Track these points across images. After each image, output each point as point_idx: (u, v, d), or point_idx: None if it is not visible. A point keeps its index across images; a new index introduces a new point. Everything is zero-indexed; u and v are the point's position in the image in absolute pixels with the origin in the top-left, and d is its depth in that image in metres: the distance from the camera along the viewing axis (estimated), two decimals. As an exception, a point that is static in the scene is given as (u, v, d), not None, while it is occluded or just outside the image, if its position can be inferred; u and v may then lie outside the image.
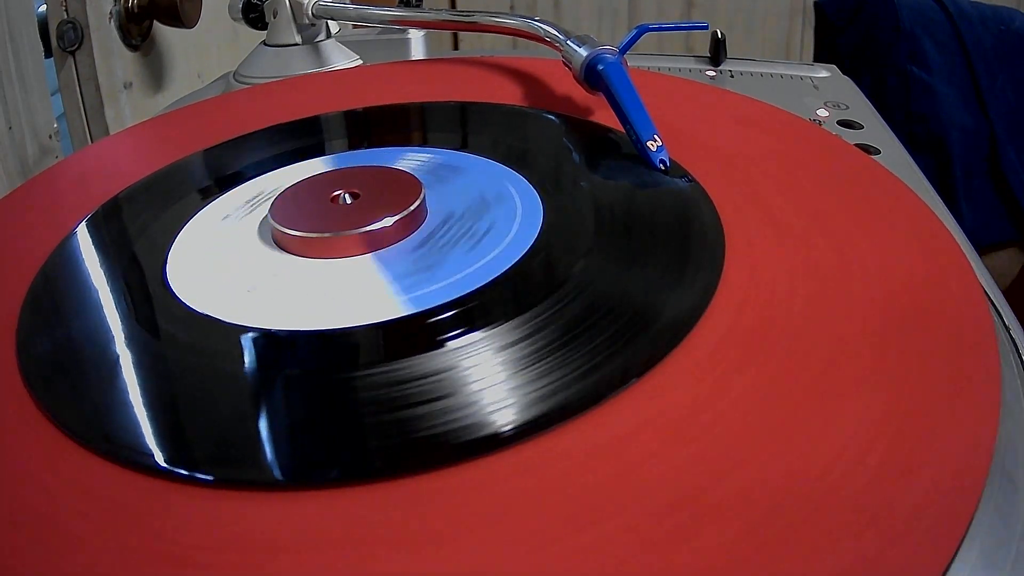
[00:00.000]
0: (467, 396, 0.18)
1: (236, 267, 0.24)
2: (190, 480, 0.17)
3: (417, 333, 0.20)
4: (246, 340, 0.21)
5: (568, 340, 0.19)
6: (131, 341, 0.21)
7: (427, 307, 0.21)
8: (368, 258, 0.24)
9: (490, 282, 0.22)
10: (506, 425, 0.17)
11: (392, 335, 0.20)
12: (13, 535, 0.16)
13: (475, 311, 0.21)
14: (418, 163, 0.29)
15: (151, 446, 0.18)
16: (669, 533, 0.15)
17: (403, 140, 0.31)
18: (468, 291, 0.21)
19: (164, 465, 0.17)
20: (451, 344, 0.20)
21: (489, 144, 0.30)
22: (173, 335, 0.21)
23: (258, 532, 0.15)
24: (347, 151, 0.31)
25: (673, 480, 0.16)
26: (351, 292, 0.22)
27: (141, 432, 0.18)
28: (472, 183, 0.27)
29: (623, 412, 0.17)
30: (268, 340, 0.21)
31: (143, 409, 0.19)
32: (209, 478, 0.17)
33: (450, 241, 0.24)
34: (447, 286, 0.22)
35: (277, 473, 0.17)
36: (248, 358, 0.20)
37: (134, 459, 0.17)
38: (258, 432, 0.18)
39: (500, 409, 0.17)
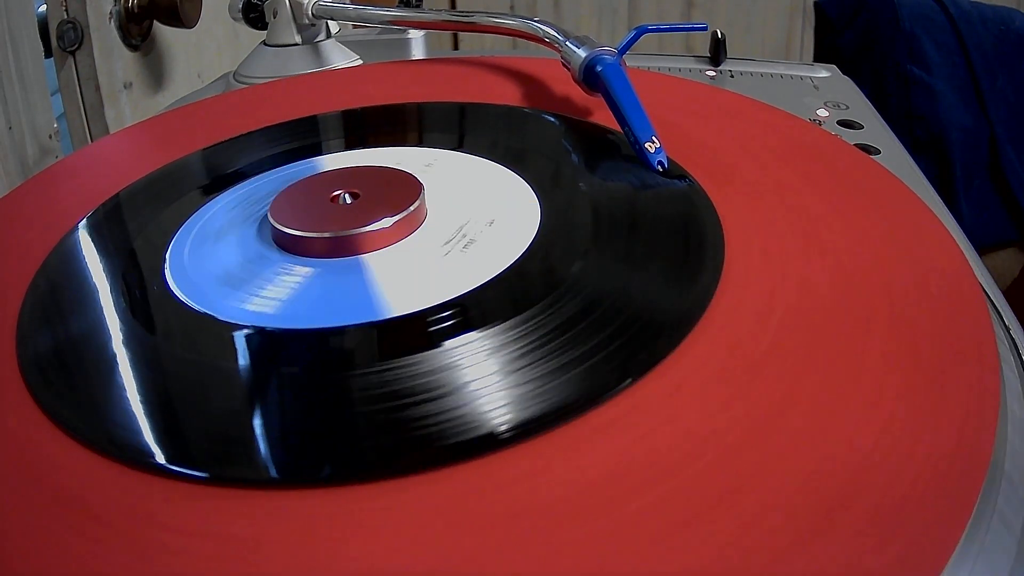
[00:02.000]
0: (464, 396, 0.18)
1: (236, 267, 0.24)
2: (187, 478, 0.17)
3: (415, 332, 0.20)
4: (244, 339, 0.21)
5: (566, 340, 0.19)
6: (130, 340, 0.21)
7: (422, 308, 0.21)
8: (370, 256, 0.24)
9: (488, 282, 0.22)
10: (503, 425, 0.17)
11: (390, 334, 0.20)
12: (12, 534, 0.16)
13: (473, 311, 0.21)
14: (420, 164, 0.29)
15: (149, 444, 0.18)
16: (668, 533, 0.15)
17: (402, 140, 0.31)
18: (464, 292, 0.21)
19: (162, 463, 0.17)
20: (448, 344, 0.20)
21: (488, 144, 0.30)
22: (172, 334, 0.21)
23: (253, 530, 0.15)
24: (347, 151, 0.31)
25: (671, 481, 0.16)
26: (349, 292, 0.22)
27: (139, 430, 0.18)
28: (472, 184, 0.27)
29: (621, 413, 0.17)
30: (266, 339, 0.21)
31: (142, 407, 0.19)
32: (205, 475, 0.17)
33: (447, 243, 0.24)
34: (443, 287, 0.22)
35: (273, 471, 0.17)
36: (245, 357, 0.20)
37: (132, 457, 0.17)
38: (255, 430, 0.18)
39: (497, 409, 0.17)
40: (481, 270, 0.22)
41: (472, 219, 0.25)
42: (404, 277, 0.22)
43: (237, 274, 0.23)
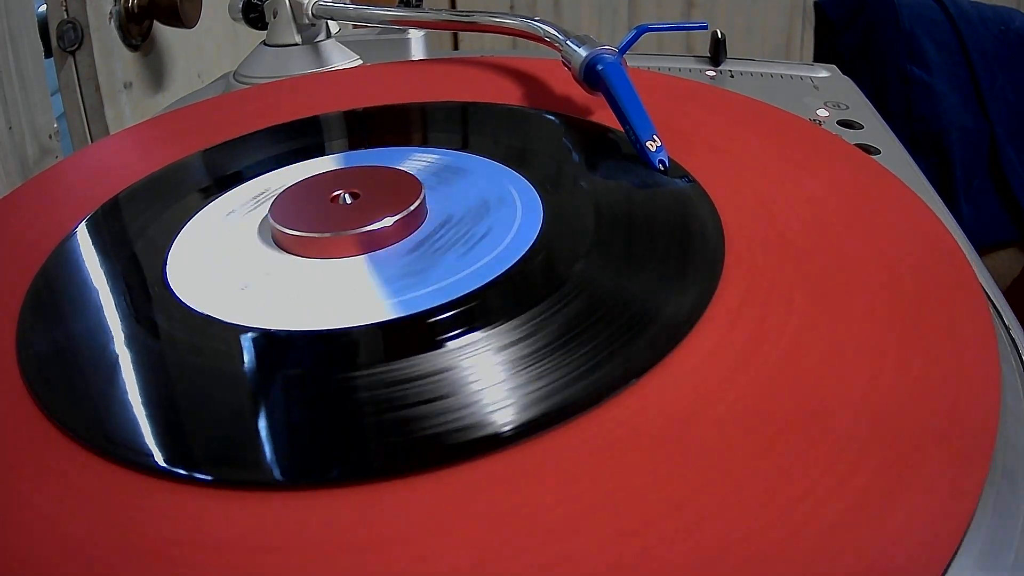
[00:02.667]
0: (466, 396, 0.18)
1: (236, 267, 0.24)
2: (189, 480, 0.17)
3: (417, 333, 0.20)
4: (245, 340, 0.21)
5: (568, 340, 0.19)
6: (131, 341, 0.21)
7: (417, 310, 0.21)
8: (366, 259, 0.24)
9: (490, 282, 0.22)
10: (505, 425, 0.17)
11: (392, 335, 0.20)
12: (13, 535, 0.16)
13: (475, 311, 0.21)
14: (420, 164, 0.29)
15: (150, 446, 0.18)
16: (669, 534, 0.15)
17: (403, 140, 0.31)
18: (460, 295, 0.21)
19: (163, 465, 0.17)
20: (451, 344, 0.20)
21: (489, 144, 0.30)
22: (173, 335, 0.21)
23: (256, 532, 0.15)
24: (347, 151, 0.31)
25: (673, 480, 0.16)
26: (348, 292, 0.22)
27: (141, 432, 0.18)
28: (473, 184, 0.27)
29: (623, 412, 0.17)
30: (267, 340, 0.21)
31: (143, 409, 0.19)
32: (208, 478, 0.17)
33: (447, 244, 0.24)
34: (438, 290, 0.22)
35: (275, 473, 0.17)
36: (247, 358, 0.20)
37: (133, 459, 0.17)
38: (257, 432, 0.18)
39: (499, 409, 0.17)
40: (483, 270, 0.22)
41: (472, 221, 0.25)
42: (405, 277, 0.22)
43: (238, 275, 0.23)
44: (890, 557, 0.14)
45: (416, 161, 0.29)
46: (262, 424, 0.18)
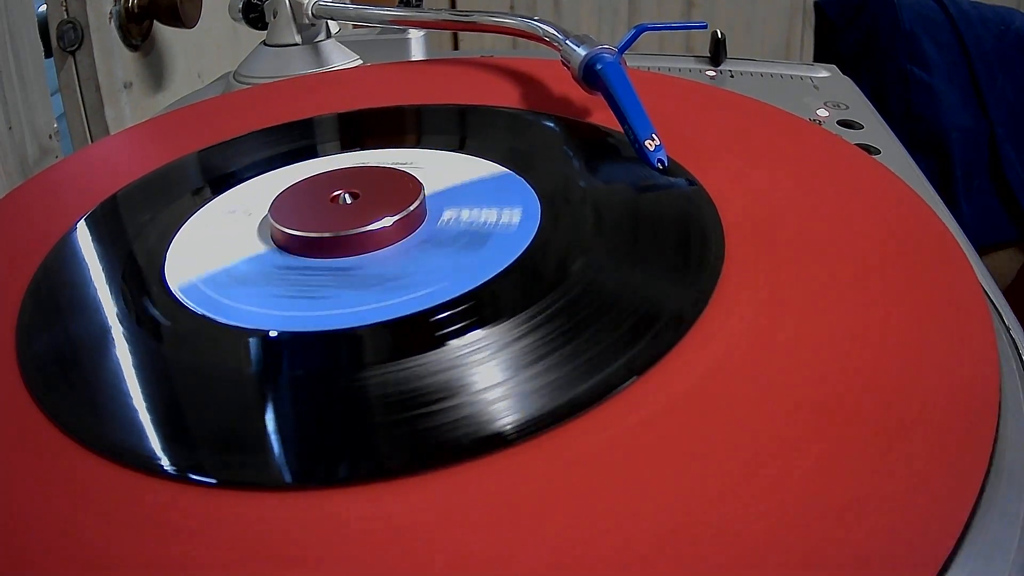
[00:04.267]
0: (468, 395, 0.18)
1: (236, 268, 0.24)
2: (190, 480, 0.17)
3: (418, 332, 0.20)
4: (245, 340, 0.21)
5: (569, 338, 0.19)
6: (130, 341, 0.21)
7: (424, 308, 0.21)
8: (371, 256, 0.24)
9: (489, 281, 0.22)
10: (509, 424, 0.17)
11: (393, 335, 0.20)
12: (13, 535, 0.16)
13: (475, 310, 0.21)
14: (417, 165, 0.29)
15: (150, 446, 0.18)
16: (673, 530, 0.15)
17: (402, 141, 0.31)
18: (466, 291, 0.21)
19: (163, 466, 0.17)
20: (452, 343, 0.20)
21: (488, 145, 0.30)
22: (172, 335, 0.21)
23: (260, 533, 0.15)
24: (347, 151, 0.31)
25: (677, 477, 0.16)
26: (353, 291, 0.22)
27: (141, 432, 0.18)
28: (472, 183, 0.27)
29: (625, 410, 0.17)
30: (267, 340, 0.21)
31: (143, 409, 0.19)
32: (210, 479, 0.17)
33: (449, 242, 0.24)
34: (445, 287, 0.22)
35: (279, 474, 0.17)
36: (247, 358, 0.20)
37: (133, 459, 0.17)
38: (258, 433, 0.18)
39: (503, 407, 0.17)
40: (483, 270, 0.22)
41: (473, 219, 0.25)
42: (405, 277, 0.22)
43: (237, 275, 0.23)
44: (888, 555, 0.14)
45: (416, 161, 0.29)
46: (261, 425, 0.18)
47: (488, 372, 0.19)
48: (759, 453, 0.16)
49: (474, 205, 0.26)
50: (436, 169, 0.28)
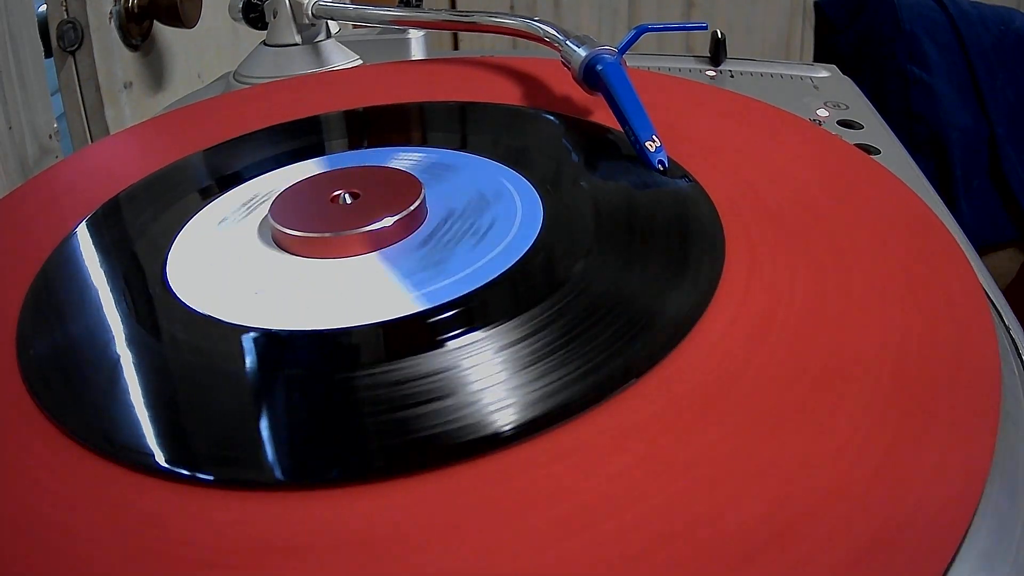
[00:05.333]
0: (467, 396, 0.18)
1: (236, 267, 0.24)
2: (189, 480, 0.17)
3: (417, 333, 0.20)
4: (246, 340, 0.21)
5: (568, 340, 0.19)
6: (131, 341, 0.21)
7: (439, 302, 0.21)
8: (371, 257, 0.24)
9: (490, 282, 0.22)
10: (506, 425, 0.17)
11: (392, 335, 0.20)
12: (13, 535, 0.16)
13: (475, 311, 0.21)
14: (413, 162, 0.29)
15: (151, 446, 0.18)
16: (671, 532, 0.15)
17: (403, 140, 0.31)
18: (467, 292, 0.21)
19: (164, 465, 0.17)
20: (451, 344, 0.20)
21: (489, 144, 0.30)
22: (173, 335, 0.21)
23: (258, 532, 0.15)
24: (347, 151, 0.31)
25: (675, 480, 0.16)
26: (353, 291, 0.22)
27: (141, 432, 0.18)
28: (472, 183, 0.27)
29: (623, 412, 0.17)
30: (268, 340, 0.21)
31: (143, 409, 0.19)
32: (209, 478, 0.17)
33: (453, 238, 0.24)
34: (445, 287, 0.22)
35: (277, 473, 0.17)
36: (248, 358, 0.20)
37: (134, 459, 0.17)
38: (257, 432, 0.18)
39: (500, 409, 0.17)
40: (484, 270, 0.22)
41: (474, 219, 0.25)
42: (405, 277, 0.22)
43: (238, 275, 0.23)
44: (891, 557, 0.14)
45: (412, 161, 0.29)
46: (262, 424, 0.18)
47: (486, 373, 0.19)
48: (758, 455, 0.16)
49: (474, 205, 0.26)
50: (437, 168, 0.28)
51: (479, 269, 0.22)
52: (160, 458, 0.17)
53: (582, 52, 0.31)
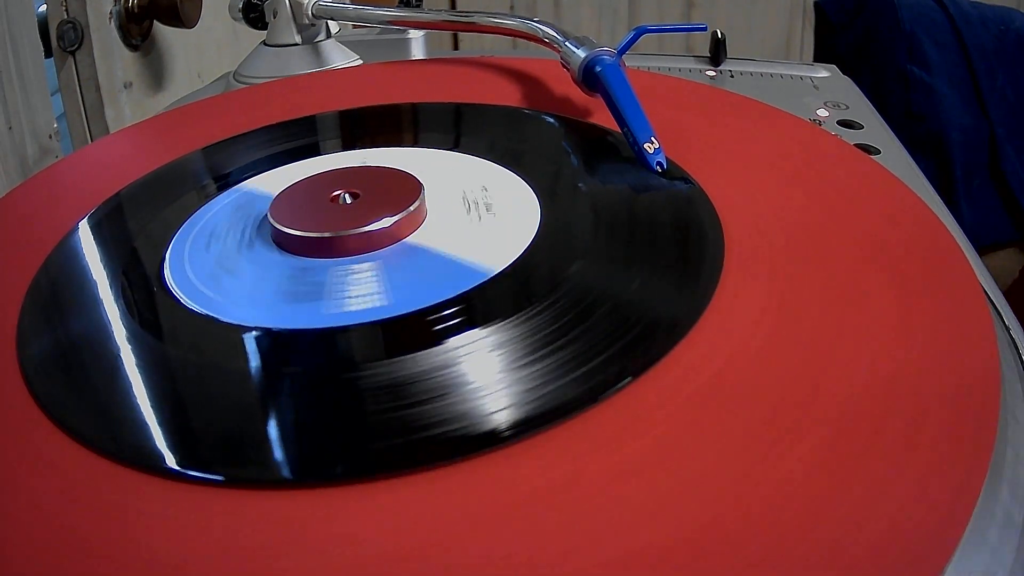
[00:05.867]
0: (465, 394, 0.18)
1: (236, 268, 0.24)
2: (189, 478, 0.17)
3: (416, 331, 0.20)
4: (247, 339, 0.21)
5: (566, 340, 0.19)
6: (131, 340, 0.21)
7: (422, 307, 0.21)
8: (367, 257, 0.24)
9: (488, 281, 0.22)
10: (504, 423, 0.17)
11: (391, 333, 0.20)
12: (14, 535, 0.16)
13: (473, 310, 0.21)
14: (416, 163, 0.29)
15: (151, 445, 0.18)
16: (668, 531, 0.15)
17: (402, 140, 0.31)
18: (464, 291, 0.21)
19: (164, 464, 0.17)
20: (449, 342, 0.20)
21: (487, 145, 0.30)
22: (173, 334, 0.21)
23: (259, 530, 0.16)
24: (346, 151, 0.31)
25: (672, 479, 0.16)
26: (350, 291, 0.22)
27: (141, 431, 0.18)
28: (473, 183, 0.27)
29: (621, 412, 0.17)
30: (268, 339, 0.21)
31: (143, 409, 0.19)
32: (211, 477, 0.17)
33: (450, 241, 0.24)
34: (444, 286, 0.22)
35: (277, 471, 0.17)
36: (248, 357, 0.20)
37: (134, 458, 0.17)
38: (257, 431, 0.18)
39: (498, 407, 0.17)
40: (482, 269, 0.22)
41: (472, 219, 0.25)
42: (404, 277, 0.22)
43: (237, 275, 0.23)
44: (889, 557, 0.14)
45: (416, 161, 0.29)
46: (260, 423, 0.18)
47: (485, 372, 0.19)
48: (756, 456, 0.16)
49: (474, 205, 0.26)
50: (436, 168, 0.28)
51: (479, 269, 0.22)
52: (160, 457, 0.17)
53: (581, 53, 0.31)
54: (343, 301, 0.22)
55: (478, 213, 0.25)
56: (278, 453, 0.17)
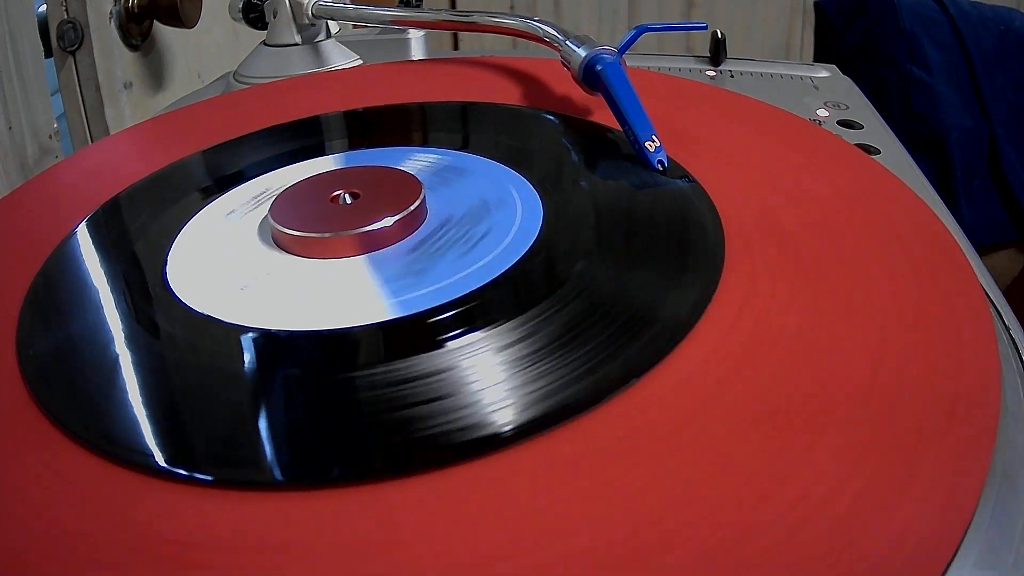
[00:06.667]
0: (467, 396, 0.18)
1: (236, 267, 0.24)
2: (188, 480, 0.17)
3: (418, 333, 0.20)
4: (246, 340, 0.21)
5: (568, 340, 0.19)
6: (131, 341, 0.21)
7: (416, 311, 0.21)
8: (365, 259, 0.24)
9: (490, 282, 0.22)
10: (505, 425, 0.17)
11: (392, 335, 0.20)
12: (13, 535, 0.16)
13: (475, 311, 0.21)
14: (420, 164, 0.29)
15: (150, 446, 0.18)
16: (668, 533, 0.15)
17: (404, 140, 0.31)
18: (460, 295, 0.21)
19: (163, 465, 0.17)
20: (451, 344, 0.20)
21: (489, 144, 0.30)
22: (173, 335, 0.21)
23: (257, 532, 0.15)
24: (347, 151, 0.31)
25: (674, 480, 0.16)
26: (348, 292, 0.22)
27: (141, 432, 0.18)
28: (473, 184, 0.27)
29: (623, 412, 0.17)
30: (268, 340, 0.21)
31: (143, 409, 0.19)
32: (208, 478, 0.17)
33: (447, 244, 0.24)
34: (438, 290, 0.22)
35: (276, 473, 0.17)
36: (248, 358, 0.20)
37: (134, 459, 0.17)
38: (257, 432, 0.18)
39: (499, 409, 0.17)
40: (483, 271, 0.22)
41: (472, 223, 0.25)
42: (405, 277, 0.22)
43: (238, 275, 0.23)
44: (890, 557, 0.14)
45: (416, 161, 0.29)
46: (262, 425, 0.18)
47: (486, 374, 0.19)
48: (758, 456, 0.16)
49: (474, 212, 0.26)
50: (446, 172, 0.28)
51: (478, 270, 0.22)
52: (159, 458, 0.17)
53: (582, 52, 0.31)
54: (344, 301, 0.22)
55: (478, 213, 0.25)
56: (278, 454, 0.17)
